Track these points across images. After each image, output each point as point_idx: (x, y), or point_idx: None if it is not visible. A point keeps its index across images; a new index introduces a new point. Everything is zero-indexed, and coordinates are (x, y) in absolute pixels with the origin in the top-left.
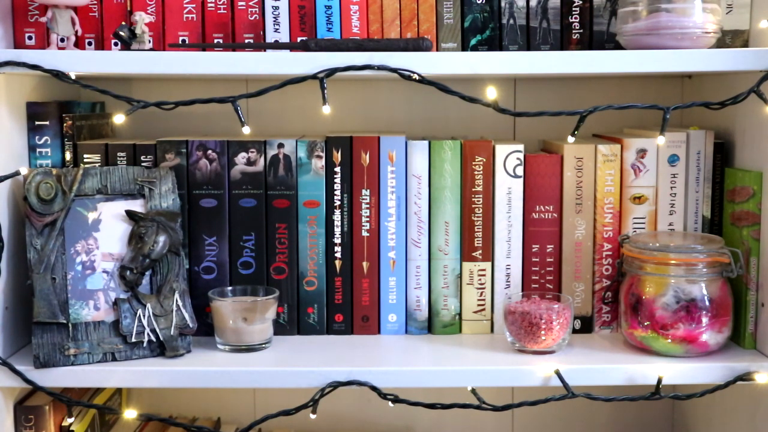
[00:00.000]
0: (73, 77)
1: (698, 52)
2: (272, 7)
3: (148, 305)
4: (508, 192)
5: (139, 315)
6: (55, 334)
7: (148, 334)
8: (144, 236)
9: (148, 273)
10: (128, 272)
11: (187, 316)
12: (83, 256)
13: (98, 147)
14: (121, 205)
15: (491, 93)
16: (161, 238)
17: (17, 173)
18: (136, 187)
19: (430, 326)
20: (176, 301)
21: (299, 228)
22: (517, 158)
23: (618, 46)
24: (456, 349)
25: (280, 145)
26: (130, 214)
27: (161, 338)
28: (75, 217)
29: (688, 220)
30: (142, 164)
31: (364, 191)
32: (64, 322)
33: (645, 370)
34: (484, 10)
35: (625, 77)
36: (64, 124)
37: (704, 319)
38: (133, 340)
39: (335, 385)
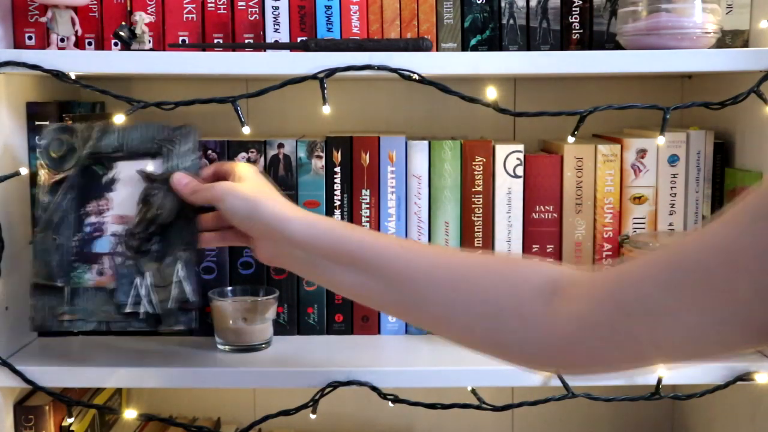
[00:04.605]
0: (73, 77)
1: (698, 52)
2: (272, 7)
3: (147, 274)
4: (508, 192)
5: (136, 284)
6: (52, 297)
7: (144, 305)
8: (150, 199)
9: (156, 240)
10: (131, 237)
11: (188, 289)
12: (93, 217)
13: None
14: (138, 165)
15: (491, 93)
16: (168, 202)
17: (17, 173)
18: (155, 146)
19: None
20: (177, 271)
21: None
22: (517, 158)
23: (618, 46)
24: (456, 349)
25: (280, 145)
26: (142, 175)
27: (158, 311)
28: (88, 175)
29: (688, 220)
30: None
31: (364, 191)
32: (61, 285)
33: (645, 370)
34: (484, 10)
35: (625, 77)
36: None
37: None
38: (128, 310)
39: (335, 385)
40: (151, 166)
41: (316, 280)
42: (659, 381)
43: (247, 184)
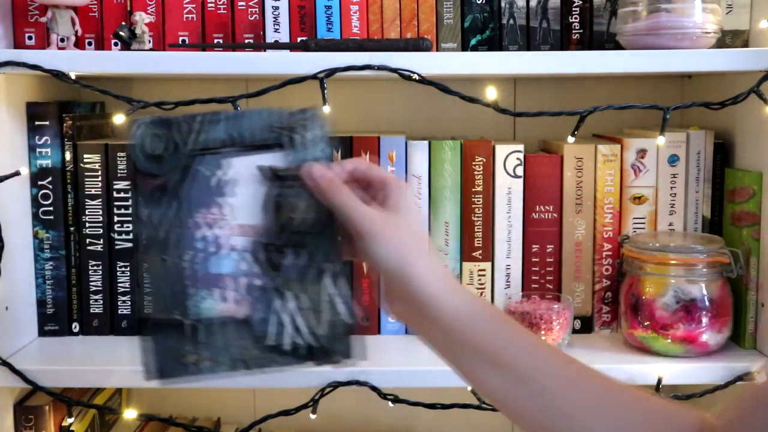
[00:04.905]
0: (73, 77)
1: (698, 52)
2: (272, 7)
3: (289, 295)
4: (508, 192)
5: (277, 308)
6: (169, 335)
7: (290, 334)
8: (280, 200)
9: (292, 252)
10: (264, 250)
11: (342, 308)
12: (206, 229)
13: (98, 147)
14: (255, 160)
15: (491, 93)
16: (302, 203)
17: (17, 173)
18: (273, 135)
19: None
20: (326, 288)
21: None
22: (517, 158)
23: (618, 46)
24: None
25: None
26: (265, 172)
27: (308, 340)
28: (195, 178)
29: (688, 220)
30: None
31: None
32: (180, 318)
33: (645, 370)
34: (484, 10)
35: (625, 77)
36: (64, 124)
37: (704, 319)
38: (271, 342)
39: (335, 385)
40: (271, 160)
41: (448, 362)
42: (659, 381)
43: (403, 229)
